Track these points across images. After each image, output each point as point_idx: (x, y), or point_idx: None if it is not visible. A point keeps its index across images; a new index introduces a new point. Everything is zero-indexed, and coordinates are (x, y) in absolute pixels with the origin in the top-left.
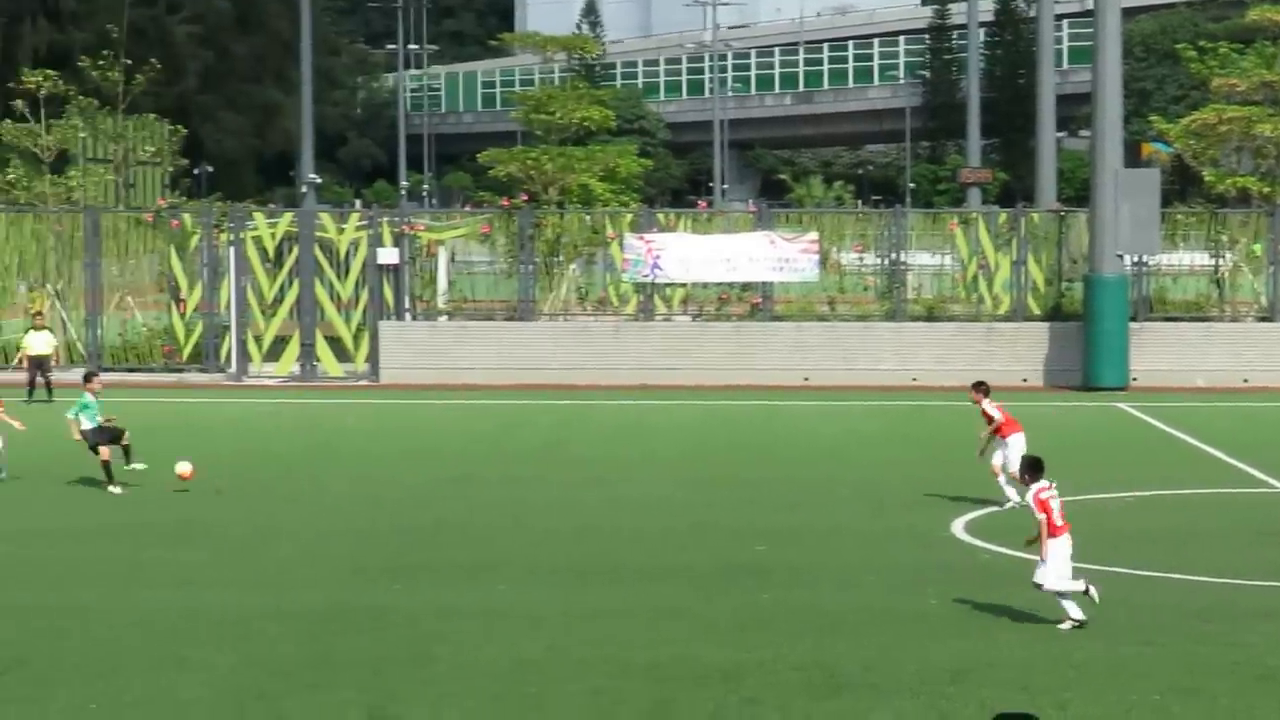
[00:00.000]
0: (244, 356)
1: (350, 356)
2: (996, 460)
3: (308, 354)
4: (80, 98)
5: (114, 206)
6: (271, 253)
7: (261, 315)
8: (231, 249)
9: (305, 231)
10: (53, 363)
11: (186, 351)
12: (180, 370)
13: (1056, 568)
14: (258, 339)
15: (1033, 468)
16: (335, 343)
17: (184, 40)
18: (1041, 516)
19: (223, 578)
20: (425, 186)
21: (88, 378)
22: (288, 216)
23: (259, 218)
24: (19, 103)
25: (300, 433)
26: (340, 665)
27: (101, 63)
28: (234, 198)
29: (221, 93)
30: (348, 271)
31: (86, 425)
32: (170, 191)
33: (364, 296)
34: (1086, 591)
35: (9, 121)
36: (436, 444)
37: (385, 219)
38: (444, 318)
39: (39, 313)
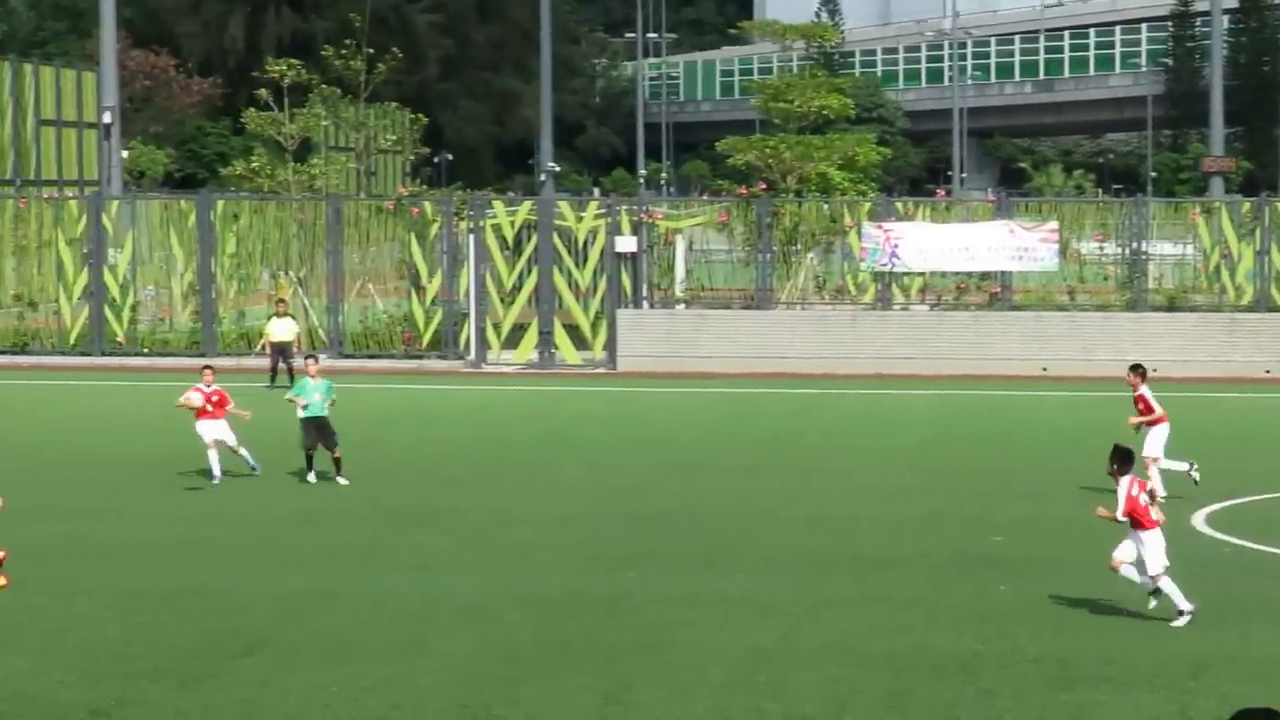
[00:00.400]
0: (483, 344)
1: (588, 344)
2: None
3: (546, 341)
4: (323, 86)
5: (355, 194)
6: (510, 241)
7: (500, 303)
8: (471, 237)
9: (544, 220)
10: (295, 349)
11: (426, 338)
12: (420, 357)
13: (1157, 554)
14: (496, 326)
15: (1126, 459)
16: (573, 330)
17: (425, 29)
18: (1143, 497)
19: (461, 563)
20: (663, 175)
21: (306, 359)
22: (527, 205)
23: (498, 206)
24: (263, 92)
25: (537, 420)
26: (576, 651)
27: (344, 52)
28: (473, 186)
29: (461, 81)
30: (586, 259)
31: (302, 410)
32: (411, 179)
33: (602, 284)
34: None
35: (253, 110)
36: (672, 431)
37: (623, 207)
38: (681, 306)
39: (282, 299)
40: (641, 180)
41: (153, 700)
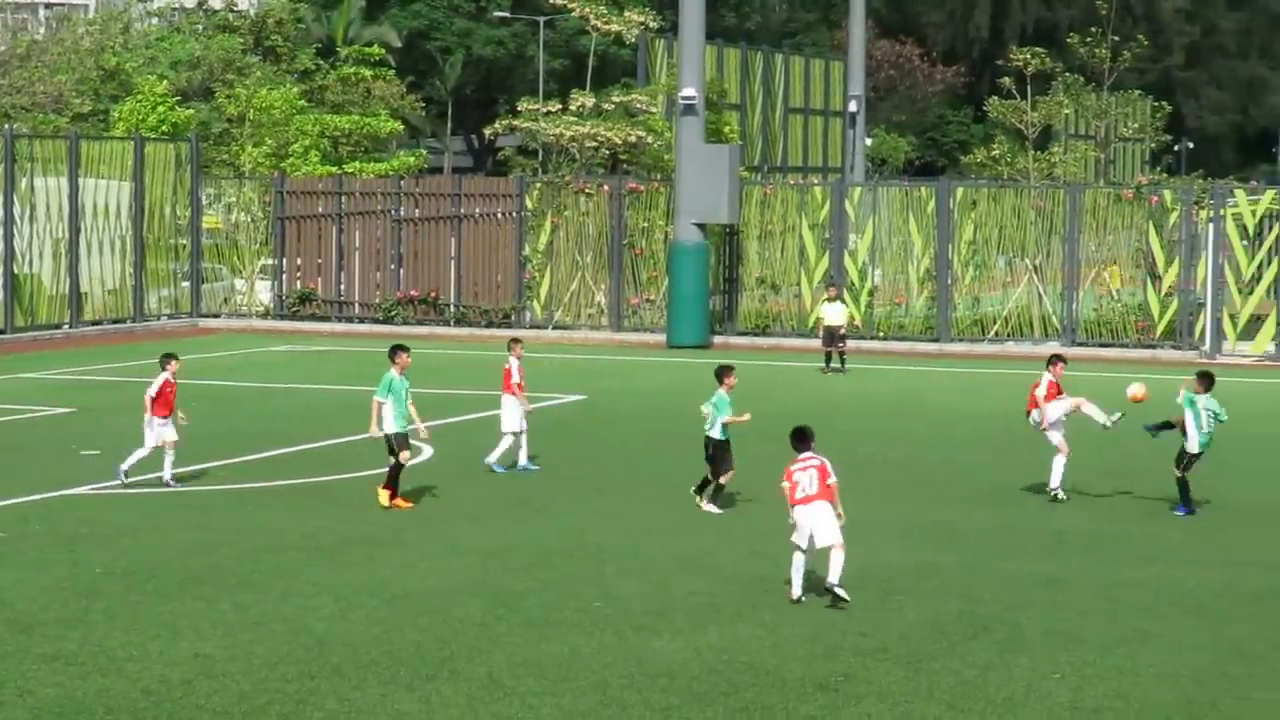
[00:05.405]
0: (1218, 334)
1: None
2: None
3: None
4: (1066, 74)
5: (1094, 182)
6: (1251, 231)
7: (1238, 293)
8: (1210, 226)
9: None
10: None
11: (1161, 328)
12: (1153, 347)
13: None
14: (1233, 317)
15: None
16: None
17: (1171, 16)
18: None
19: (1192, 556)
20: None
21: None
22: (1270, 194)
23: (1240, 196)
24: (1006, 80)
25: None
26: None
27: (1089, 39)
28: (1212, 175)
29: (1206, 69)
30: None
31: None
32: (1150, 168)
33: None
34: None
35: (995, 98)
36: None
37: None
38: None
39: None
40: None
41: (878, 678)
